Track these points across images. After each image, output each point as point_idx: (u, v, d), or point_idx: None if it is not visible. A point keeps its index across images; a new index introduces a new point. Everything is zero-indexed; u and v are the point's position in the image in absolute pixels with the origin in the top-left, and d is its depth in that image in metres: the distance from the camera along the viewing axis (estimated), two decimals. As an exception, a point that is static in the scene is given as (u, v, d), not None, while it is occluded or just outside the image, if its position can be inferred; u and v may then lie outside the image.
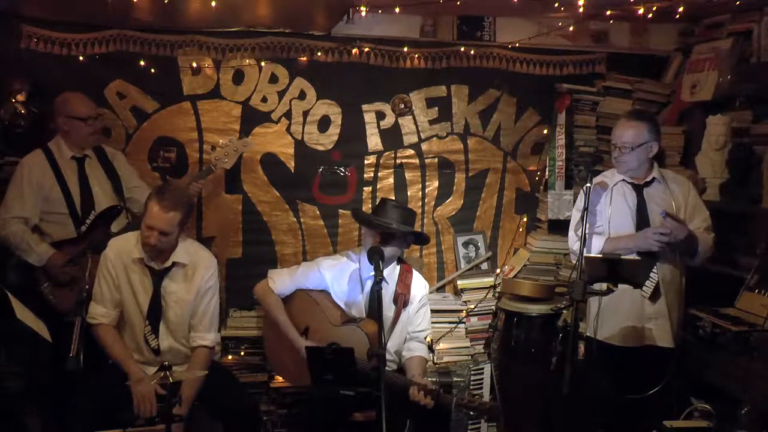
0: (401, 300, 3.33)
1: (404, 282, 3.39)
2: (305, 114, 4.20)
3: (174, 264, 3.13)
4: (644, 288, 3.21)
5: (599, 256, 2.99)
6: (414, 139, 4.32)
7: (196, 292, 3.16)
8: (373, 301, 3.28)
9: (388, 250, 3.19)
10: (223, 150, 3.79)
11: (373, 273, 3.23)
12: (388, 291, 3.32)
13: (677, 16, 3.92)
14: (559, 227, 4.22)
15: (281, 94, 4.18)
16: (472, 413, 3.05)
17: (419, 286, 3.45)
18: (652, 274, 3.21)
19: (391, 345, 3.31)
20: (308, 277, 3.38)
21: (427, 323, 3.49)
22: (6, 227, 3.39)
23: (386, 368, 3.08)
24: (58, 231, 3.47)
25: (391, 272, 3.36)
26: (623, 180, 3.32)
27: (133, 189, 3.72)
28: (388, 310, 3.30)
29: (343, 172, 4.27)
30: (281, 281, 3.38)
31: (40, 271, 3.39)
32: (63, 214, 3.48)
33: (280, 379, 3.75)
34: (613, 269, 2.85)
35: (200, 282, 3.17)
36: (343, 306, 3.36)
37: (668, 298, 3.23)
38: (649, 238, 3.15)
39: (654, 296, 3.22)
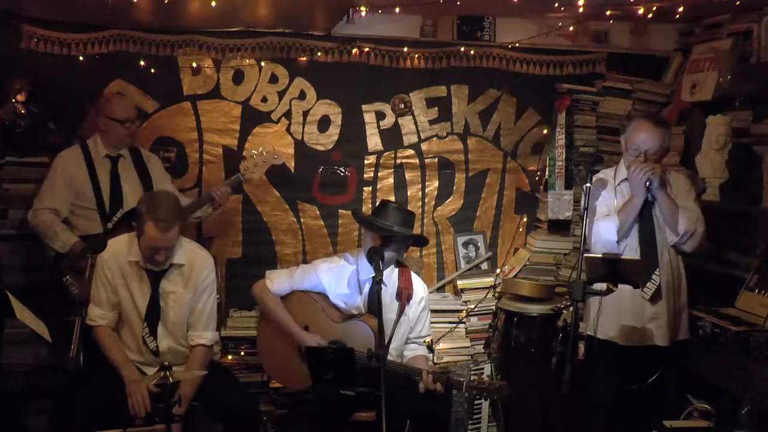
0: (405, 294, 3.32)
1: (405, 277, 3.39)
2: (305, 114, 4.20)
3: (171, 265, 3.12)
4: (645, 290, 3.20)
5: (599, 256, 2.98)
6: (414, 139, 4.32)
7: (194, 291, 3.16)
8: (373, 301, 3.28)
9: (388, 253, 3.19)
10: (254, 160, 3.76)
11: (371, 275, 3.23)
12: (390, 290, 3.32)
13: (677, 16, 3.92)
14: (559, 227, 4.23)
15: (281, 94, 4.18)
16: (484, 394, 3.05)
17: (419, 285, 3.46)
18: (654, 276, 3.20)
19: (393, 347, 3.31)
20: (305, 279, 3.37)
21: (428, 329, 3.48)
22: (37, 216, 3.51)
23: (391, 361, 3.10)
24: (86, 225, 3.55)
25: (390, 274, 3.35)
26: (625, 180, 3.31)
27: None
28: (391, 309, 3.30)
29: (343, 172, 4.27)
30: (279, 282, 3.37)
31: (65, 262, 3.44)
32: (91, 209, 3.56)
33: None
34: (613, 269, 2.85)
35: (198, 280, 3.16)
36: (342, 307, 3.36)
37: (669, 299, 3.23)
38: (633, 177, 3.14)
39: (654, 298, 3.21)
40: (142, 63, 3.98)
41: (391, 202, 3.53)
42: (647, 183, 3.12)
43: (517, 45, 4.22)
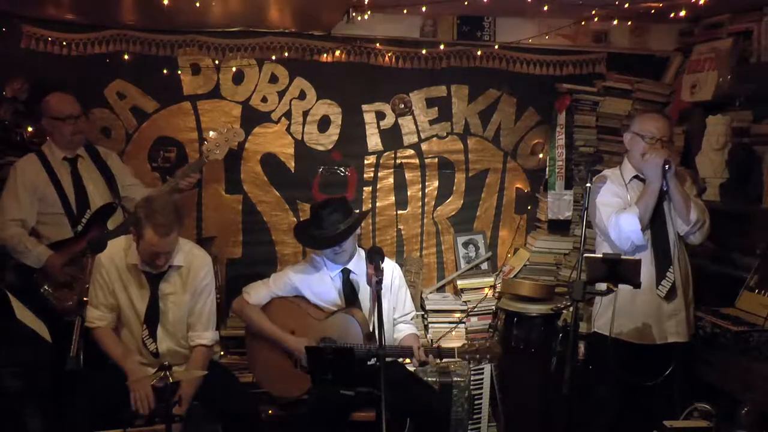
0: (374, 280, 3.34)
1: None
2: (305, 114, 4.20)
3: (170, 267, 3.12)
4: (660, 287, 3.20)
5: (599, 256, 2.98)
6: (414, 139, 4.32)
7: (193, 292, 3.15)
8: (348, 294, 3.36)
9: (347, 244, 3.28)
10: (214, 141, 3.76)
11: (339, 269, 3.36)
12: (361, 280, 3.38)
13: (677, 16, 3.91)
14: (559, 227, 4.23)
15: (281, 94, 4.18)
16: (476, 356, 3.06)
17: (389, 266, 3.47)
18: (668, 274, 3.20)
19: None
20: (280, 285, 3.43)
21: (411, 305, 3.52)
22: (3, 230, 3.40)
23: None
24: (54, 232, 3.47)
25: (358, 262, 3.41)
26: (635, 177, 3.31)
27: (129, 187, 3.72)
28: (366, 297, 3.34)
29: (343, 172, 4.27)
30: (256, 293, 3.42)
31: (39, 273, 3.39)
32: (59, 215, 3.48)
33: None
34: (612, 269, 2.85)
35: (196, 281, 3.16)
36: (321, 305, 3.39)
37: (685, 295, 3.24)
38: (651, 162, 3.14)
39: (669, 296, 3.21)
40: (142, 63, 3.98)
41: (321, 207, 3.37)
42: (666, 166, 3.11)
43: (517, 45, 4.22)
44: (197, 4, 3.50)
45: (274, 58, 4.11)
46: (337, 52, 4.13)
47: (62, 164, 3.56)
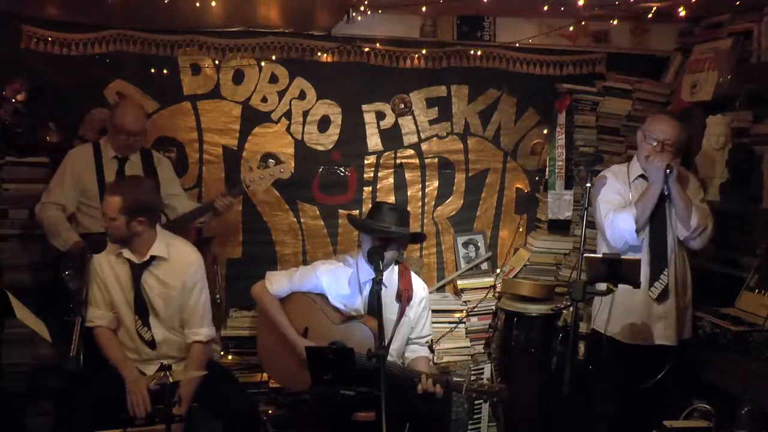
0: (405, 296, 3.32)
1: (405, 279, 3.39)
2: (305, 114, 4.21)
3: (153, 258, 3.12)
4: (652, 289, 3.21)
5: (599, 256, 2.98)
6: (414, 139, 4.32)
7: (182, 288, 3.14)
8: (373, 302, 3.28)
9: (388, 254, 3.19)
10: (260, 172, 3.71)
11: (371, 277, 3.23)
12: (390, 291, 3.31)
13: (677, 16, 3.91)
14: (559, 227, 4.23)
15: (281, 94, 4.18)
16: (483, 397, 3.04)
17: (419, 285, 3.45)
18: (662, 276, 3.21)
19: (394, 348, 3.30)
20: (305, 280, 3.37)
21: (429, 329, 3.47)
22: (44, 210, 3.53)
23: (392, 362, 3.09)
24: (90, 223, 3.56)
25: (390, 274, 3.34)
26: (641, 176, 3.31)
27: (172, 197, 3.74)
28: (391, 310, 3.29)
29: (343, 172, 4.27)
30: (278, 283, 3.38)
31: (65, 259, 3.44)
32: (96, 208, 3.54)
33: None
34: (613, 269, 2.85)
35: (185, 277, 3.15)
36: (342, 308, 3.36)
37: (677, 298, 3.24)
38: (653, 165, 3.15)
39: (661, 298, 3.21)
40: (142, 63, 3.98)
41: (385, 203, 3.53)
42: (667, 171, 3.11)
43: (517, 45, 4.22)
44: (197, 4, 3.50)
45: (274, 58, 4.11)
46: (337, 52, 4.13)
47: (111, 161, 3.63)
